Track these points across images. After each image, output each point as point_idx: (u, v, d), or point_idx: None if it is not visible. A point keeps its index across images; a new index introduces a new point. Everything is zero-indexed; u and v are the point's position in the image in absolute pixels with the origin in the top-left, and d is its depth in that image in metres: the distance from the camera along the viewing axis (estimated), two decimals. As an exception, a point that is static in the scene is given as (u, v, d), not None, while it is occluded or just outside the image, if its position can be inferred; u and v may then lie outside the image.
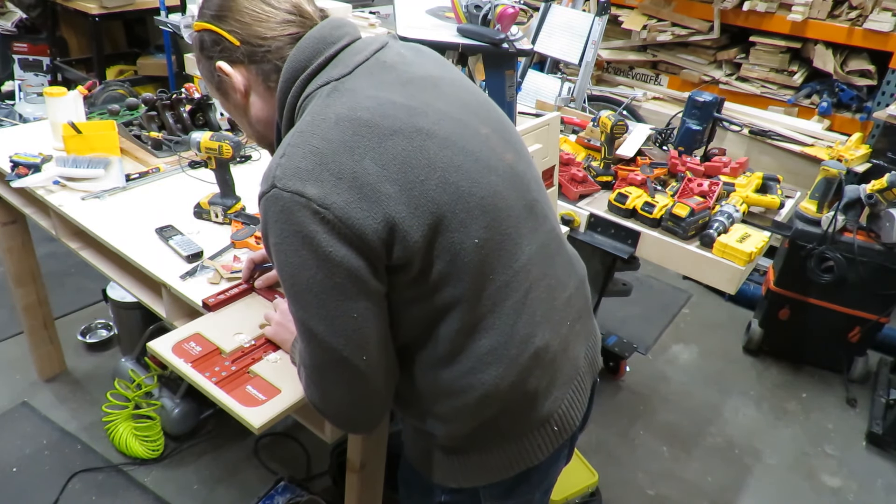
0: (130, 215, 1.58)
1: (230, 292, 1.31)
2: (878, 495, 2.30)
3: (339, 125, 0.85)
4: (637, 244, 1.79)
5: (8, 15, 4.55)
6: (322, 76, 0.92)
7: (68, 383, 2.43)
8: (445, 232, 0.87)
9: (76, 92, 1.92)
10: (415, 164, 0.85)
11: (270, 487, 2.02)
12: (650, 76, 3.72)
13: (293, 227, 0.82)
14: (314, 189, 0.81)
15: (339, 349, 0.87)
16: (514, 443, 1.03)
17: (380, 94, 0.89)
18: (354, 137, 0.84)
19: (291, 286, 0.86)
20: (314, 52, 0.92)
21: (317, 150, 0.83)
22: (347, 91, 0.89)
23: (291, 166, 0.82)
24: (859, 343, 2.68)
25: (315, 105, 0.89)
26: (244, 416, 1.04)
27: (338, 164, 0.82)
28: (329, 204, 0.81)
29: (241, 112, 1.03)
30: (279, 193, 0.82)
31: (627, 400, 2.62)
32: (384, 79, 0.91)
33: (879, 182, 2.20)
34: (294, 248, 0.83)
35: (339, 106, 0.87)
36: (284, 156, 0.84)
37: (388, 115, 0.86)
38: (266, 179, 0.84)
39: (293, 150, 0.84)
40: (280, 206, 0.82)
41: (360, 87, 0.89)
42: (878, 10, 3.00)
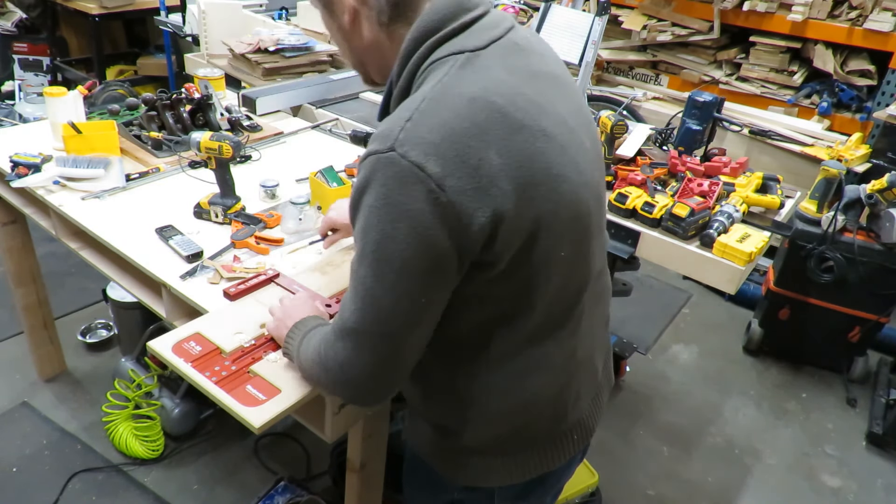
0: (130, 215, 1.58)
1: (251, 282, 1.32)
2: (878, 495, 2.30)
3: (472, 104, 0.80)
4: (637, 244, 1.79)
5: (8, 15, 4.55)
6: (455, 43, 0.86)
7: (68, 383, 2.43)
8: (541, 240, 0.86)
9: (76, 92, 1.92)
10: (534, 166, 0.82)
11: (270, 487, 2.02)
12: (650, 76, 3.72)
13: (400, 198, 0.77)
14: (435, 166, 0.77)
15: (393, 325, 0.84)
16: (537, 448, 1.04)
17: (512, 80, 0.85)
18: (486, 122, 0.80)
19: (372, 251, 0.81)
20: (451, 15, 0.87)
21: (447, 124, 0.78)
22: (482, 68, 0.85)
23: (417, 134, 0.78)
24: (859, 343, 2.68)
25: (447, 75, 0.83)
26: (244, 415, 1.04)
27: (465, 145, 0.78)
28: (446, 186, 0.77)
29: (341, 35, 0.97)
30: (397, 158, 0.77)
31: (627, 400, 2.62)
32: (516, 64, 0.88)
33: (879, 182, 2.20)
34: (392, 217, 0.78)
35: (474, 84, 0.82)
36: (411, 120, 0.79)
37: (519, 108, 0.83)
38: (384, 138, 0.79)
39: (422, 117, 0.79)
40: (393, 172, 0.77)
41: (495, 68, 0.85)
42: (878, 10, 3.00)
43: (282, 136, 2.10)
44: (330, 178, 1.64)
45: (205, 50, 2.82)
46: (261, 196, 1.72)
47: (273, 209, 1.62)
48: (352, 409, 1.19)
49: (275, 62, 2.52)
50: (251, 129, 2.07)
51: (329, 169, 1.67)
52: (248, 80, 2.57)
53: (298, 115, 2.37)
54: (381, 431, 1.35)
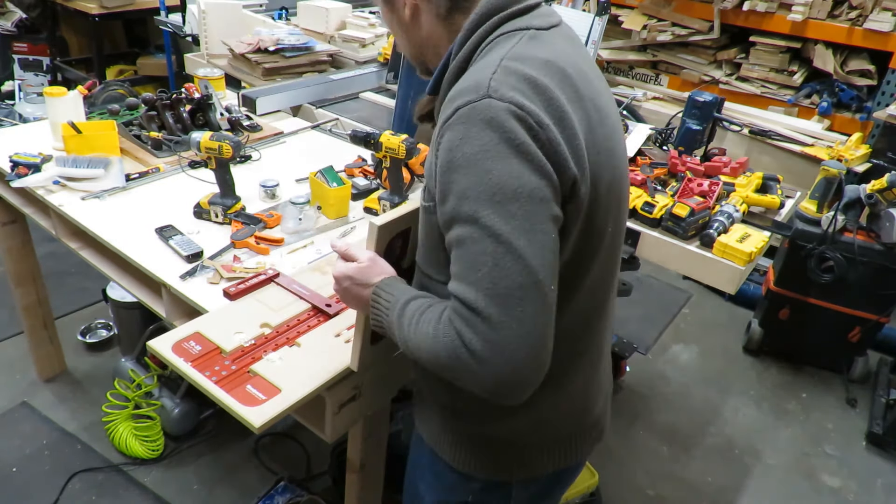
0: (130, 215, 1.58)
1: (251, 282, 1.32)
2: (878, 495, 2.30)
3: (548, 66, 0.84)
4: (637, 244, 1.79)
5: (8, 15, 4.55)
6: (522, 20, 0.91)
7: (68, 383, 2.43)
8: (600, 208, 0.88)
9: (76, 92, 1.92)
10: (597, 134, 0.86)
11: (270, 487, 2.02)
12: (650, 76, 3.72)
13: (506, 135, 0.77)
14: (533, 105, 0.79)
15: (538, 269, 0.77)
16: (562, 442, 1.05)
17: (571, 60, 0.89)
18: (560, 84, 0.84)
19: (493, 195, 0.76)
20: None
21: (531, 78, 0.81)
22: (549, 43, 0.89)
23: (508, 83, 0.80)
24: (859, 343, 2.68)
25: (519, 43, 0.87)
26: (244, 415, 1.04)
27: (551, 96, 0.81)
28: (544, 124, 0.79)
29: (402, 29, 1.00)
30: (493, 102, 0.78)
31: (627, 400, 2.62)
32: (569, 51, 0.92)
33: (879, 182, 2.20)
34: (503, 155, 0.77)
35: (547, 52, 0.86)
36: (497, 72, 0.81)
37: (581, 82, 0.87)
38: (473, 90, 0.80)
39: (506, 70, 0.82)
40: (492, 114, 0.78)
41: (558, 46, 0.90)
42: (878, 10, 3.00)
43: (282, 136, 2.10)
44: (330, 178, 1.64)
45: (205, 50, 2.82)
46: (261, 196, 1.72)
47: (273, 209, 1.62)
48: (352, 409, 1.20)
49: (275, 62, 2.52)
50: (251, 129, 2.07)
51: (329, 169, 1.67)
52: (248, 80, 2.57)
53: (298, 115, 2.37)
54: (381, 431, 1.35)
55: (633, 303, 2.94)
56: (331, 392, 1.13)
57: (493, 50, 0.88)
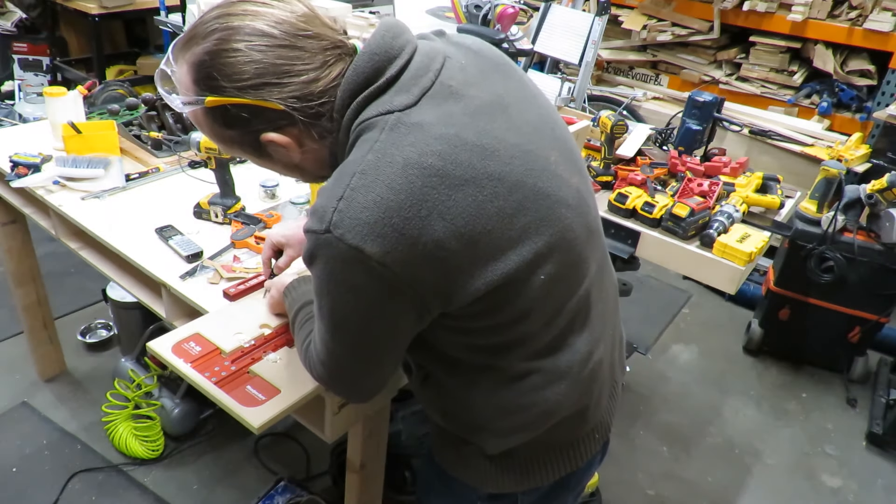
0: (130, 215, 1.58)
1: (251, 283, 1.32)
2: (878, 495, 2.30)
3: (406, 172, 0.77)
4: (637, 244, 1.79)
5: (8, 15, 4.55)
6: (383, 102, 0.82)
7: (68, 383, 2.43)
8: (511, 275, 0.84)
9: (76, 92, 1.92)
10: (483, 215, 0.80)
11: (270, 487, 2.02)
12: (650, 76, 3.72)
13: (344, 276, 0.79)
14: (374, 246, 0.75)
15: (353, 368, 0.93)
16: (561, 451, 1.04)
17: (449, 132, 0.80)
18: (423, 189, 0.77)
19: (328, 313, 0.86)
20: (374, 73, 0.83)
21: (381, 200, 0.75)
22: (414, 127, 0.80)
23: (352, 216, 0.76)
24: (859, 343, 2.68)
25: (378, 141, 0.79)
26: (244, 416, 1.04)
27: (402, 219, 0.76)
28: (388, 262, 0.76)
29: (293, 168, 0.94)
30: (334, 241, 0.76)
31: (627, 400, 2.62)
32: (452, 111, 0.83)
33: (879, 182, 2.20)
34: (341, 290, 0.81)
35: (407, 147, 0.78)
36: (343, 199, 0.77)
37: (459, 163, 0.79)
38: (320, 218, 0.78)
39: (354, 194, 0.76)
40: (333, 254, 0.78)
41: (428, 123, 0.80)
42: (878, 10, 3.00)
43: (282, 136, 2.10)
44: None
45: (205, 50, 2.81)
46: (261, 196, 1.72)
47: (273, 209, 1.62)
48: (352, 409, 1.19)
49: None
50: (251, 129, 2.07)
51: (329, 169, 1.67)
52: (247, 80, 2.57)
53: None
54: (381, 431, 1.35)
55: (633, 303, 2.94)
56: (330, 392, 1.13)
57: (357, 146, 0.82)
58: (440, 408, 1.04)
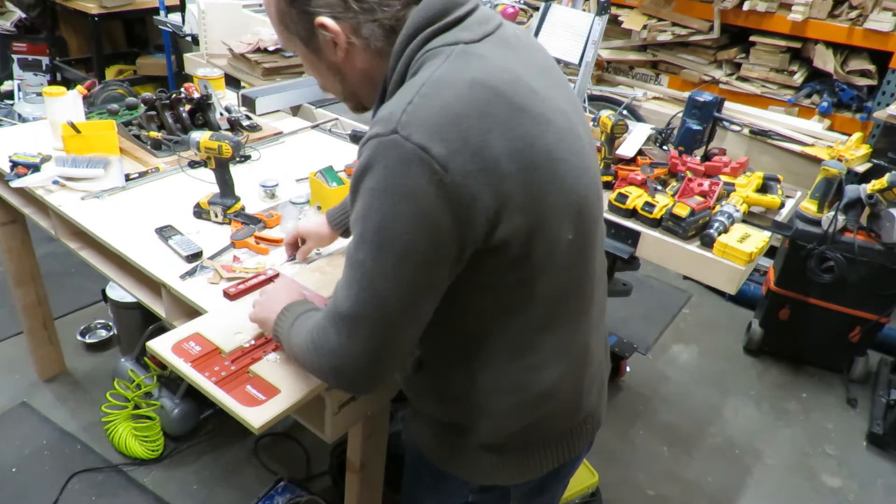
0: (130, 215, 1.58)
1: (251, 282, 1.33)
2: (878, 495, 2.30)
3: (473, 87, 0.80)
4: (637, 244, 1.79)
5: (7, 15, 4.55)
6: (449, 35, 0.87)
7: (68, 383, 2.43)
8: (548, 222, 0.86)
9: (75, 92, 1.92)
10: (535, 148, 0.83)
11: (270, 487, 2.02)
12: (650, 76, 3.72)
13: (404, 180, 0.77)
14: (440, 147, 0.76)
15: (390, 311, 0.84)
16: (554, 442, 1.04)
17: (510, 67, 0.86)
18: (487, 105, 0.80)
19: (372, 235, 0.80)
20: (443, 10, 0.87)
21: (449, 105, 0.78)
22: (479, 56, 0.85)
23: (420, 115, 0.77)
24: (859, 343, 2.68)
25: (445, 62, 0.83)
26: (244, 416, 1.04)
27: (468, 126, 0.78)
28: (451, 168, 0.77)
29: (333, 72, 0.96)
30: (400, 141, 0.76)
31: (627, 400, 2.62)
32: (510, 56, 0.88)
33: (880, 182, 2.20)
34: (395, 200, 0.78)
35: (475, 68, 0.83)
36: (412, 103, 0.78)
37: (518, 92, 0.84)
38: (385, 122, 0.79)
39: (424, 100, 0.79)
40: (397, 154, 0.77)
41: (491, 56, 0.86)
42: (878, 9, 3.00)
43: (281, 135, 2.10)
44: (330, 178, 1.64)
45: (204, 50, 2.81)
46: (261, 196, 1.72)
47: (273, 209, 1.62)
48: (352, 409, 1.19)
49: (274, 62, 2.52)
50: (251, 128, 2.07)
51: (329, 169, 1.67)
52: (247, 80, 2.57)
53: (298, 114, 2.37)
54: (381, 431, 1.35)
55: (633, 303, 2.94)
56: (331, 392, 1.13)
57: (422, 69, 0.85)
58: (437, 392, 1.03)
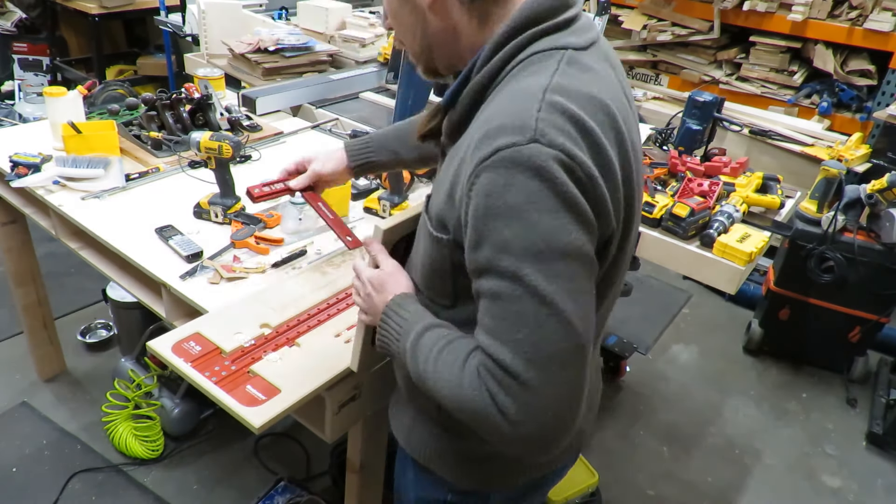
0: (130, 215, 1.58)
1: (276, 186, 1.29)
2: (878, 495, 2.30)
3: (591, 102, 0.78)
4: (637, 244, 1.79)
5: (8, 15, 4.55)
6: (555, 38, 0.82)
7: (68, 383, 2.43)
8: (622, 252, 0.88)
9: (76, 92, 1.92)
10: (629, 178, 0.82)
11: (270, 487, 2.02)
12: (650, 76, 3.72)
13: (556, 187, 0.71)
14: (581, 154, 0.73)
15: (582, 333, 0.74)
16: None
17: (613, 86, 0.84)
18: (603, 123, 0.77)
19: (539, 252, 0.72)
20: (553, 8, 0.83)
21: (579, 118, 0.75)
22: (589, 68, 0.82)
23: (556, 125, 0.73)
24: (859, 343, 2.68)
25: (559, 69, 0.79)
26: (244, 415, 1.04)
27: (597, 141, 0.76)
28: (593, 177, 0.74)
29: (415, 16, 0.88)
30: (541, 149, 0.71)
31: (627, 400, 2.62)
32: (611, 74, 0.86)
33: (879, 182, 2.20)
34: (552, 208, 0.72)
35: (589, 82, 0.79)
36: (543, 109, 0.74)
37: (622, 116, 0.82)
38: (518, 130, 0.73)
39: (552, 108, 0.74)
40: (540, 162, 0.71)
41: (598, 71, 0.83)
42: (878, 10, 3.00)
43: (282, 136, 2.10)
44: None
45: (205, 50, 2.82)
46: (261, 196, 1.71)
47: (273, 209, 1.62)
48: (352, 409, 1.20)
49: (275, 62, 2.52)
50: (251, 129, 2.07)
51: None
52: (248, 80, 2.57)
53: (298, 115, 2.37)
54: (381, 431, 1.35)
55: (633, 303, 2.94)
56: (331, 392, 1.13)
57: (529, 75, 0.79)
58: None
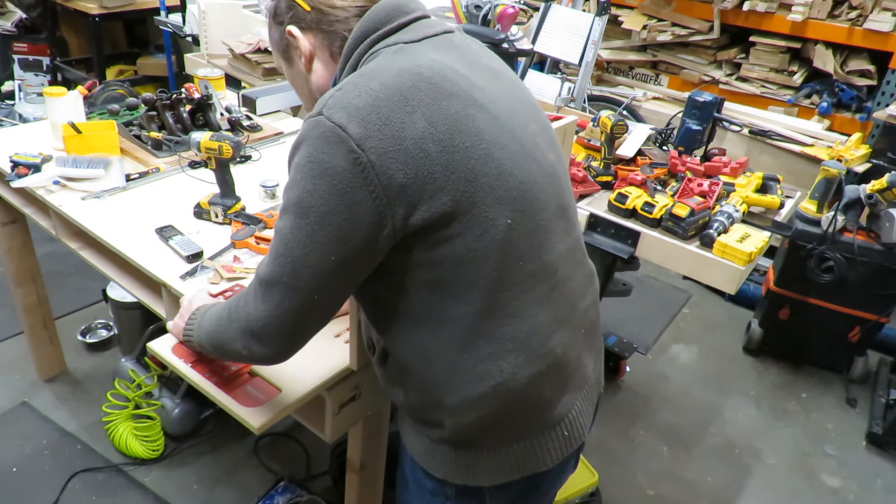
0: (130, 215, 1.58)
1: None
2: (878, 495, 2.30)
3: (399, 75, 0.87)
4: (637, 244, 1.79)
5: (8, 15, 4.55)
6: (392, 39, 0.95)
7: (68, 383, 2.43)
8: (480, 205, 0.88)
9: (76, 92, 1.92)
10: (463, 130, 0.87)
11: (270, 487, 2.02)
12: (650, 76, 3.72)
13: (322, 156, 0.83)
14: (357, 127, 0.82)
15: (303, 277, 0.88)
16: (524, 443, 1.03)
17: (444, 60, 0.92)
18: (412, 90, 0.86)
19: (293, 205, 0.87)
20: (387, 17, 0.96)
21: (372, 91, 0.85)
22: (413, 52, 0.92)
23: (343, 100, 0.85)
24: (859, 343, 2.68)
25: (380, 58, 0.92)
26: (244, 416, 1.04)
27: (389, 110, 0.84)
28: (367, 147, 0.82)
29: (302, 79, 1.06)
30: (322, 120, 0.84)
31: (627, 400, 2.62)
32: (449, 54, 0.95)
33: (879, 182, 2.20)
34: (314, 174, 0.84)
35: (404, 60, 0.90)
36: (340, 90, 0.86)
37: (447, 79, 0.89)
38: (317, 105, 0.87)
39: (349, 87, 0.86)
40: (319, 132, 0.84)
41: (426, 51, 0.93)
42: (878, 10, 3.00)
43: (282, 136, 2.11)
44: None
45: (205, 50, 2.82)
46: (261, 196, 1.72)
47: (273, 209, 1.62)
48: (352, 409, 1.20)
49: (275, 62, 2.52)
50: (251, 129, 2.07)
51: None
52: (248, 80, 2.57)
53: (298, 115, 2.37)
54: (381, 431, 1.35)
55: (633, 303, 2.94)
56: (331, 392, 1.14)
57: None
58: (402, 383, 1.03)
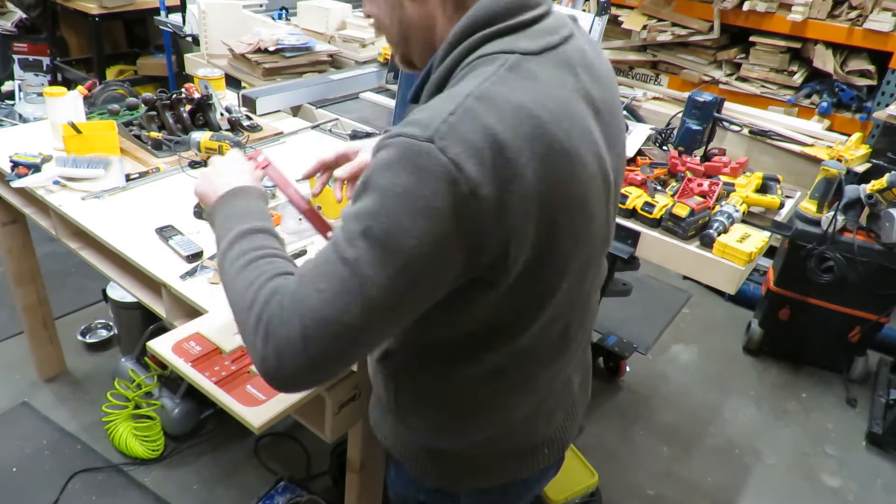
0: (130, 215, 1.58)
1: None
2: (878, 495, 2.30)
3: (517, 113, 0.75)
4: (637, 244, 1.79)
5: (8, 15, 4.55)
6: (507, 41, 0.81)
7: (68, 383, 2.43)
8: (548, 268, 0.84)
9: (76, 92, 1.92)
10: (561, 193, 0.78)
11: (270, 487, 2.02)
12: (650, 76, 3.72)
13: (427, 192, 0.71)
14: (474, 169, 0.71)
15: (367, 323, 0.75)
16: (507, 459, 1.03)
17: (562, 95, 0.80)
18: (529, 137, 0.74)
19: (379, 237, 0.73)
20: (509, 10, 0.81)
21: (491, 130, 0.73)
22: (532, 75, 0.79)
23: (460, 132, 0.72)
24: (859, 343, 2.68)
25: (494, 74, 0.77)
26: (244, 415, 1.04)
27: (504, 158, 0.73)
28: (478, 192, 0.71)
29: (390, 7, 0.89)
30: (434, 151, 0.70)
31: (627, 400, 2.62)
32: (566, 80, 0.82)
33: (879, 182, 2.20)
34: (412, 209, 0.71)
35: (524, 91, 0.77)
36: (454, 115, 0.73)
37: (563, 129, 0.78)
38: (423, 126, 0.72)
39: (466, 115, 0.73)
40: (427, 163, 0.71)
41: (544, 79, 0.79)
42: (878, 10, 3.00)
43: (282, 136, 2.10)
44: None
45: (205, 50, 2.82)
46: (261, 196, 1.71)
47: (273, 209, 1.62)
48: (352, 409, 1.20)
49: (275, 62, 2.52)
50: (251, 129, 2.07)
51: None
52: (248, 80, 2.57)
53: (298, 115, 2.37)
54: (381, 431, 1.35)
55: (633, 303, 2.93)
56: (331, 392, 1.14)
57: (470, 75, 0.79)
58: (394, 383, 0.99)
